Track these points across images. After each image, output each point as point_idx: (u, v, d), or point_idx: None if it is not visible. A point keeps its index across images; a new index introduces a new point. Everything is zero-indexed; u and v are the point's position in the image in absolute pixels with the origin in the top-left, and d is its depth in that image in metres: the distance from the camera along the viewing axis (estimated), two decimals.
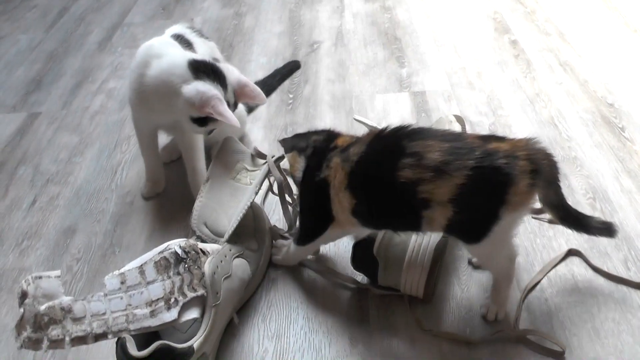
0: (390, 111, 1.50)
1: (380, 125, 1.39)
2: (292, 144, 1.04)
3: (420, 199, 0.85)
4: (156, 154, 1.30)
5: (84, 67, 1.85)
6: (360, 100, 1.56)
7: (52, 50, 1.97)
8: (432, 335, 0.97)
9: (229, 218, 1.04)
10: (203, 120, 1.08)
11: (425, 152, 0.85)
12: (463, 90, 1.57)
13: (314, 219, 1.00)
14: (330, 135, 1.02)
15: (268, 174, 1.07)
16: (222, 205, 1.06)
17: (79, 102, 1.67)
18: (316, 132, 1.04)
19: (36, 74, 1.84)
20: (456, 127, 1.19)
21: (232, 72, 1.12)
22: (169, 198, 1.29)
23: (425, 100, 1.54)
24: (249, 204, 1.03)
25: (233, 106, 1.11)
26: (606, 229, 0.97)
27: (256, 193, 1.04)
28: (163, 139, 1.40)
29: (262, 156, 1.16)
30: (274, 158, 1.07)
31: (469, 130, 1.40)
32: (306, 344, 0.98)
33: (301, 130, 1.46)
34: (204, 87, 1.05)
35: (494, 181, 0.84)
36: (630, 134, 1.37)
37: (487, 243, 0.88)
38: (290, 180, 1.09)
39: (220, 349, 0.97)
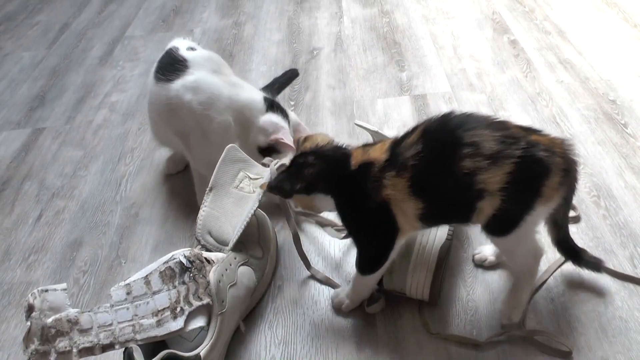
0: (392, 115, 1.51)
1: (382, 130, 1.40)
2: (289, 187, 0.94)
3: (477, 190, 0.85)
4: None
5: (87, 82, 1.86)
6: (361, 105, 1.56)
7: (55, 67, 1.98)
8: (440, 338, 0.96)
9: (233, 226, 1.04)
10: (267, 151, 1.21)
11: (482, 141, 0.84)
12: (464, 92, 1.57)
13: (379, 243, 0.93)
14: (330, 159, 0.94)
15: None
16: (226, 214, 1.06)
17: (82, 117, 1.69)
18: (305, 165, 0.94)
19: (39, 90, 1.85)
20: None
21: (290, 113, 1.30)
22: (174, 209, 1.30)
23: (427, 103, 1.54)
24: (252, 212, 1.03)
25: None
26: (594, 264, 0.99)
27: (259, 201, 1.04)
28: (166, 152, 1.41)
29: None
30: (276, 165, 1.07)
31: None
32: (313, 349, 0.98)
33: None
34: (276, 119, 1.20)
35: (535, 172, 0.85)
36: (633, 130, 1.37)
37: (515, 236, 0.89)
38: None
39: (228, 356, 0.97)
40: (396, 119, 1.49)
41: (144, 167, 1.44)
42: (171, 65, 1.21)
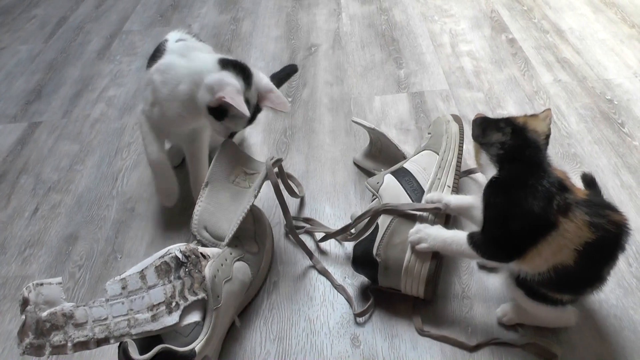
0: (389, 112, 1.51)
1: (379, 127, 1.40)
2: (479, 132, 0.92)
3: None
4: (165, 155, 1.26)
5: (84, 76, 1.86)
6: (358, 102, 1.56)
7: (52, 60, 1.98)
8: (430, 338, 0.97)
9: (229, 222, 1.04)
10: (220, 114, 1.10)
11: None
12: (461, 90, 1.57)
13: (501, 238, 0.87)
14: (531, 145, 0.89)
15: (266, 177, 1.07)
16: (221, 209, 1.06)
17: (79, 111, 1.68)
18: (510, 131, 0.90)
19: (36, 84, 1.85)
20: (453, 127, 1.19)
21: (261, 76, 1.17)
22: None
23: (424, 100, 1.54)
24: (248, 207, 1.03)
25: (253, 107, 1.13)
26: None
27: (255, 196, 1.04)
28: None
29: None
30: (271, 161, 1.07)
31: (466, 128, 1.40)
32: (308, 345, 0.98)
33: (300, 134, 1.47)
34: (225, 76, 1.09)
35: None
36: (630, 129, 1.37)
37: None
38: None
39: (223, 352, 0.97)
40: (393, 116, 1.49)
41: (140, 161, 1.44)
42: (154, 55, 1.22)
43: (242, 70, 1.12)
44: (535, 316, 0.94)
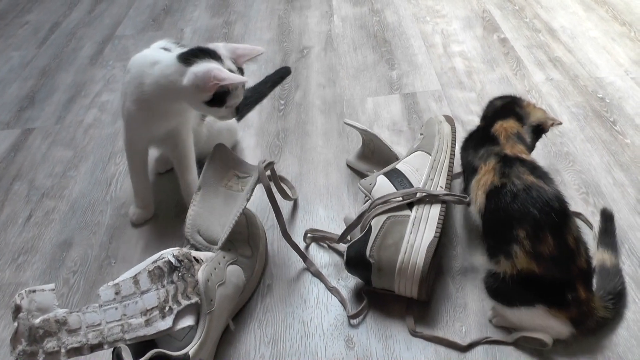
0: (382, 113, 1.51)
1: (372, 128, 1.40)
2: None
3: None
4: (147, 177, 1.27)
5: (77, 82, 1.86)
6: (351, 104, 1.56)
7: (45, 66, 1.97)
8: (423, 339, 0.97)
9: (222, 225, 1.04)
10: (219, 100, 1.08)
11: None
12: (453, 90, 1.57)
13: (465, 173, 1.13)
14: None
15: (259, 180, 1.07)
16: (214, 213, 1.06)
17: (73, 117, 1.68)
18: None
19: (29, 90, 1.85)
20: (446, 128, 1.19)
21: (218, 45, 1.15)
22: (163, 208, 1.30)
23: (416, 101, 1.55)
24: (241, 210, 1.03)
25: (239, 72, 1.12)
26: None
27: (248, 200, 1.04)
28: (154, 151, 1.41)
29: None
30: (263, 164, 1.07)
31: (458, 128, 1.40)
32: (302, 347, 0.98)
33: (293, 136, 1.47)
34: (197, 68, 1.06)
35: None
36: (622, 127, 1.38)
37: None
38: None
39: (217, 355, 0.97)
40: (386, 117, 1.49)
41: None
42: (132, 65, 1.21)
43: (205, 53, 1.10)
44: (519, 323, 0.94)
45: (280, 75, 1.70)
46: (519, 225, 0.89)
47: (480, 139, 1.08)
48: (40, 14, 2.38)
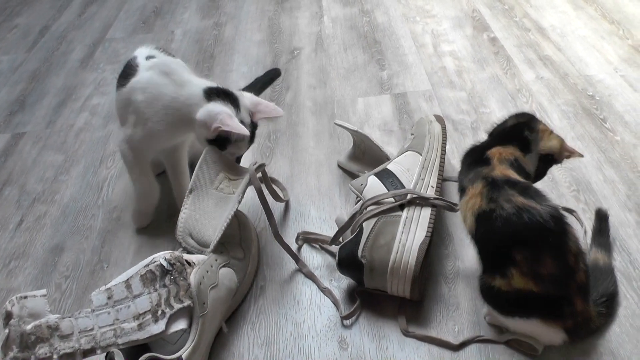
0: (372, 114, 1.51)
1: (362, 129, 1.40)
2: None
3: None
4: (154, 177, 1.26)
5: (67, 85, 1.85)
6: (341, 105, 1.57)
7: (35, 70, 1.97)
8: (415, 339, 0.97)
9: (214, 228, 1.04)
10: (222, 143, 1.12)
11: None
12: (444, 90, 1.58)
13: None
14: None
15: (250, 182, 1.07)
16: (206, 216, 1.06)
17: (63, 121, 1.68)
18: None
19: (19, 94, 1.84)
20: (436, 127, 1.20)
21: (245, 95, 1.19)
22: (155, 212, 1.29)
23: (407, 101, 1.55)
24: (232, 213, 1.03)
25: (249, 126, 1.15)
26: None
27: (239, 202, 1.04)
28: None
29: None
30: (255, 166, 1.07)
31: (449, 128, 1.41)
32: (296, 349, 0.98)
33: (284, 138, 1.47)
34: (213, 107, 1.11)
35: None
36: (612, 125, 1.39)
37: None
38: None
39: (211, 358, 0.97)
40: (377, 117, 1.50)
41: (125, 170, 1.43)
42: (126, 73, 1.21)
43: (227, 96, 1.14)
44: (513, 329, 0.94)
45: (270, 76, 1.70)
46: (515, 249, 0.86)
47: (475, 159, 1.02)
48: (30, 18, 2.37)
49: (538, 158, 1.03)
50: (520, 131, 1.03)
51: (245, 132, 1.08)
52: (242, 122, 1.11)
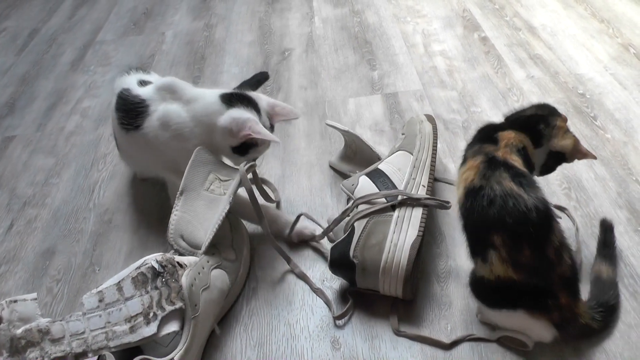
0: (363, 114, 1.51)
1: (354, 129, 1.40)
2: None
3: None
4: None
5: (58, 88, 1.84)
6: (333, 105, 1.57)
7: (24, 73, 1.96)
8: (407, 338, 0.97)
9: (205, 229, 1.04)
10: (244, 149, 1.13)
11: None
12: (435, 89, 1.58)
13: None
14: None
15: (241, 183, 1.07)
16: (197, 217, 1.06)
17: (54, 124, 1.67)
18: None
19: (9, 97, 1.83)
20: (427, 127, 1.20)
21: (261, 97, 1.19)
22: (147, 214, 1.29)
23: (398, 101, 1.55)
24: (224, 214, 1.03)
25: (270, 129, 1.16)
26: None
27: (230, 203, 1.04)
28: None
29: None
30: (245, 167, 1.07)
31: (440, 127, 1.41)
32: (288, 350, 0.98)
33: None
34: (238, 113, 1.11)
35: None
36: (602, 122, 1.39)
37: None
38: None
39: None
40: (368, 117, 1.50)
41: (116, 172, 1.43)
42: (131, 111, 1.18)
43: (247, 100, 1.14)
44: (502, 324, 0.94)
45: (258, 79, 1.70)
46: (495, 231, 0.86)
47: (485, 135, 1.02)
48: (19, 20, 2.36)
49: (547, 153, 1.03)
50: (536, 123, 1.03)
51: (276, 139, 1.09)
52: (264, 126, 1.12)
